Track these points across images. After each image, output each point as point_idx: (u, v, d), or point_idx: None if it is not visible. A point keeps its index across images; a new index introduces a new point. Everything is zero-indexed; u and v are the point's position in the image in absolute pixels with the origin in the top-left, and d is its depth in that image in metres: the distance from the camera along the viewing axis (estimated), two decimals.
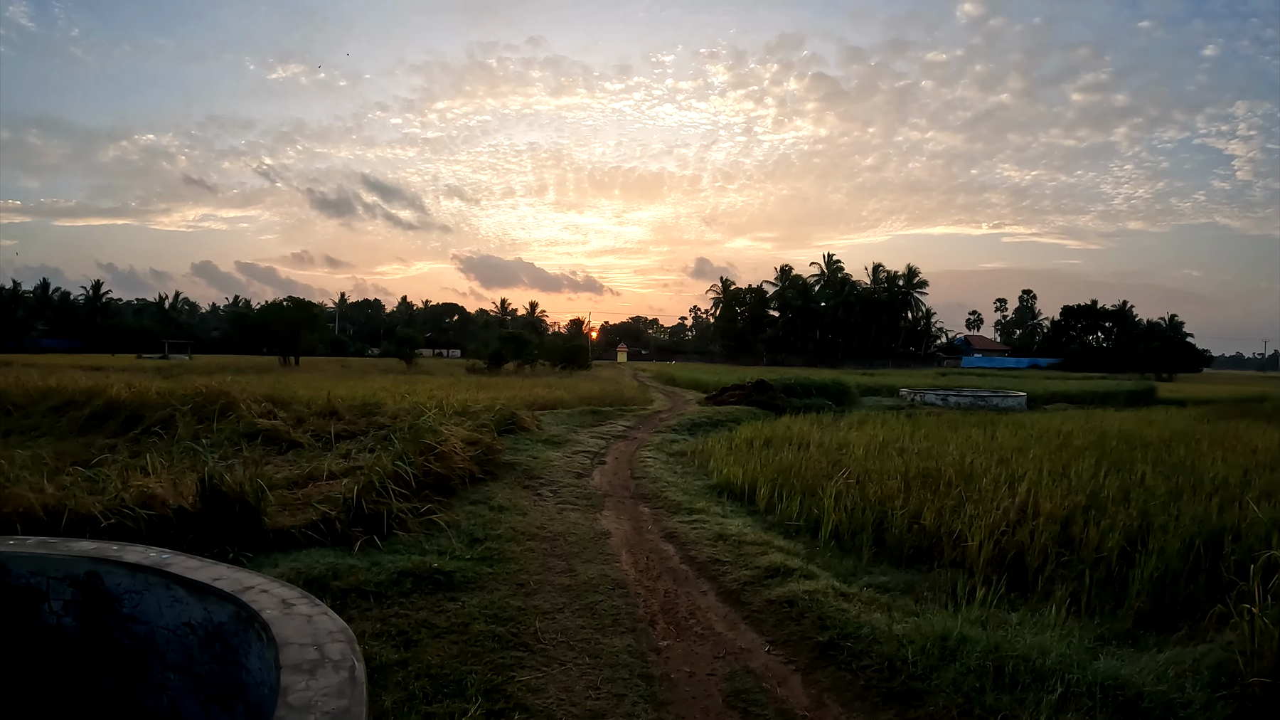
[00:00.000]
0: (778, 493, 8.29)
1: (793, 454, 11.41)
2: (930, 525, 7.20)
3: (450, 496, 7.11)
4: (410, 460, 6.68)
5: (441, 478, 7.02)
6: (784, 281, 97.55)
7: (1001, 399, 26.06)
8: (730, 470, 9.31)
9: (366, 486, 6.07)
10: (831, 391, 23.32)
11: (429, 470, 6.81)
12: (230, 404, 13.14)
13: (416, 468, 6.66)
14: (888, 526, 7.15)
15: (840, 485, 7.80)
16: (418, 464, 6.70)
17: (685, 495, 8.17)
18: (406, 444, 7.09)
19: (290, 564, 5.15)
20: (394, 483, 6.36)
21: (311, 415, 13.88)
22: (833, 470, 9.78)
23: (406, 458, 6.72)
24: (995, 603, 5.35)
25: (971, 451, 12.84)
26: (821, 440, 13.50)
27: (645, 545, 6.17)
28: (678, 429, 14.72)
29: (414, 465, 6.65)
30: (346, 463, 8.50)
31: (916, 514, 7.54)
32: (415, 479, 6.57)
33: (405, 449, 6.93)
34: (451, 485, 7.38)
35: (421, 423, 7.65)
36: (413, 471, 6.55)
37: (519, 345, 40.76)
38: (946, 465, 10.59)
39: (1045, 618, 5.11)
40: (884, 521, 7.27)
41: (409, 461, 6.63)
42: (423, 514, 6.11)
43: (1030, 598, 5.85)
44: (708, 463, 10.60)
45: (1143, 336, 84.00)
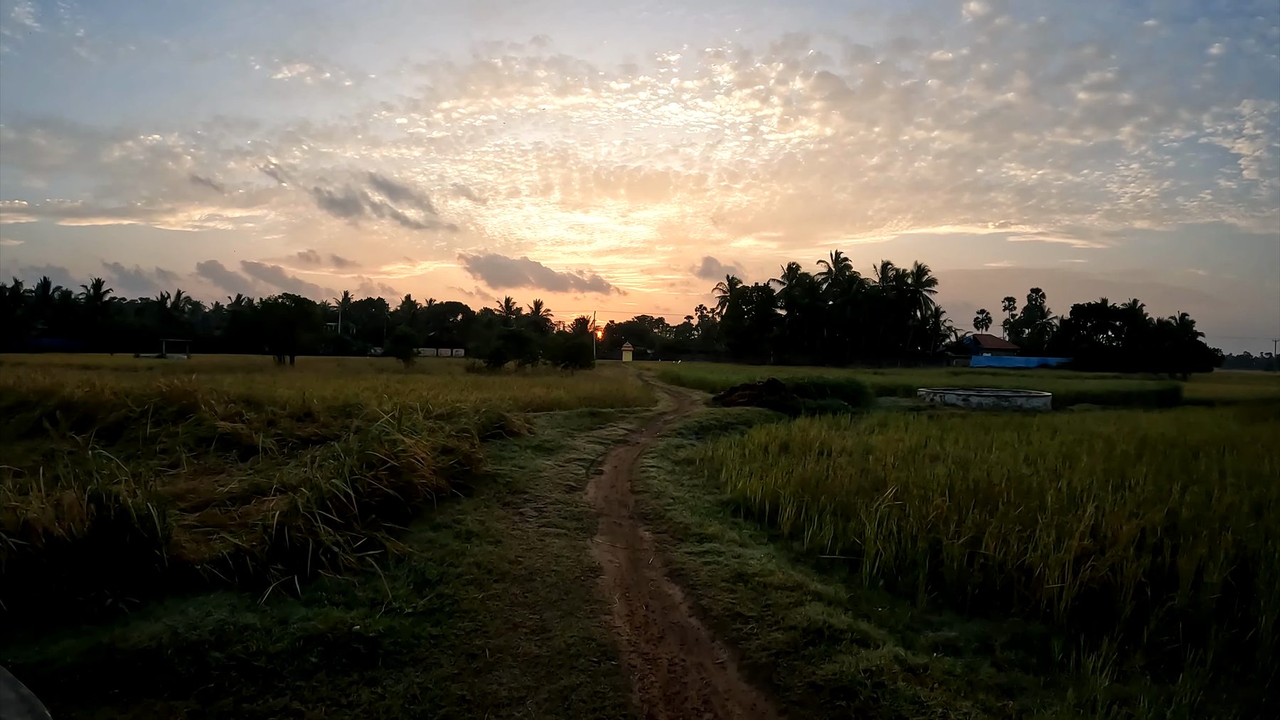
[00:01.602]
0: (804, 512, 6.99)
1: (814, 463, 10.11)
2: (994, 556, 5.92)
3: (408, 520, 5.83)
4: (357, 476, 5.39)
5: (396, 498, 5.73)
6: (791, 280, 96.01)
7: (1026, 399, 24.66)
8: (746, 484, 8.00)
9: (291, 512, 4.79)
10: (847, 391, 21.95)
11: (375, 490, 5.51)
12: (191, 405, 11.90)
13: (364, 486, 5.37)
14: (942, 558, 5.86)
15: (885, 507, 6.46)
16: (363, 482, 5.40)
17: (694, 515, 6.87)
18: (352, 457, 5.80)
19: (171, 618, 3.89)
20: (331, 506, 5.07)
21: (284, 417, 12.66)
22: (865, 482, 8.48)
23: (351, 474, 5.43)
24: (1104, 668, 4.07)
25: (1013, 459, 11.57)
26: (844, 445, 12.25)
27: (644, 587, 4.86)
28: (684, 432, 13.41)
29: (360, 483, 5.37)
30: (305, 472, 7.26)
31: (973, 540, 6.26)
32: (360, 500, 5.28)
33: (350, 463, 5.64)
34: (413, 505, 6.09)
35: (375, 430, 6.36)
36: (357, 491, 5.26)
37: (519, 344, 39.41)
38: (993, 477, 9.31)
39: (1180, 693, 3.83)
40: (937, 551, 5.98)
41: (352, 479, 5.33)
42: (359, 547, 4.82)
43: (1128, 650, 4.58)
44: (719, 473, 9.30)
45: (1154, 336, 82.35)
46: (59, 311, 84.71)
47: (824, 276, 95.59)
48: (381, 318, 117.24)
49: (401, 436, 6.28)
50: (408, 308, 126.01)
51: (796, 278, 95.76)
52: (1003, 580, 5.69)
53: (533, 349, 39.88)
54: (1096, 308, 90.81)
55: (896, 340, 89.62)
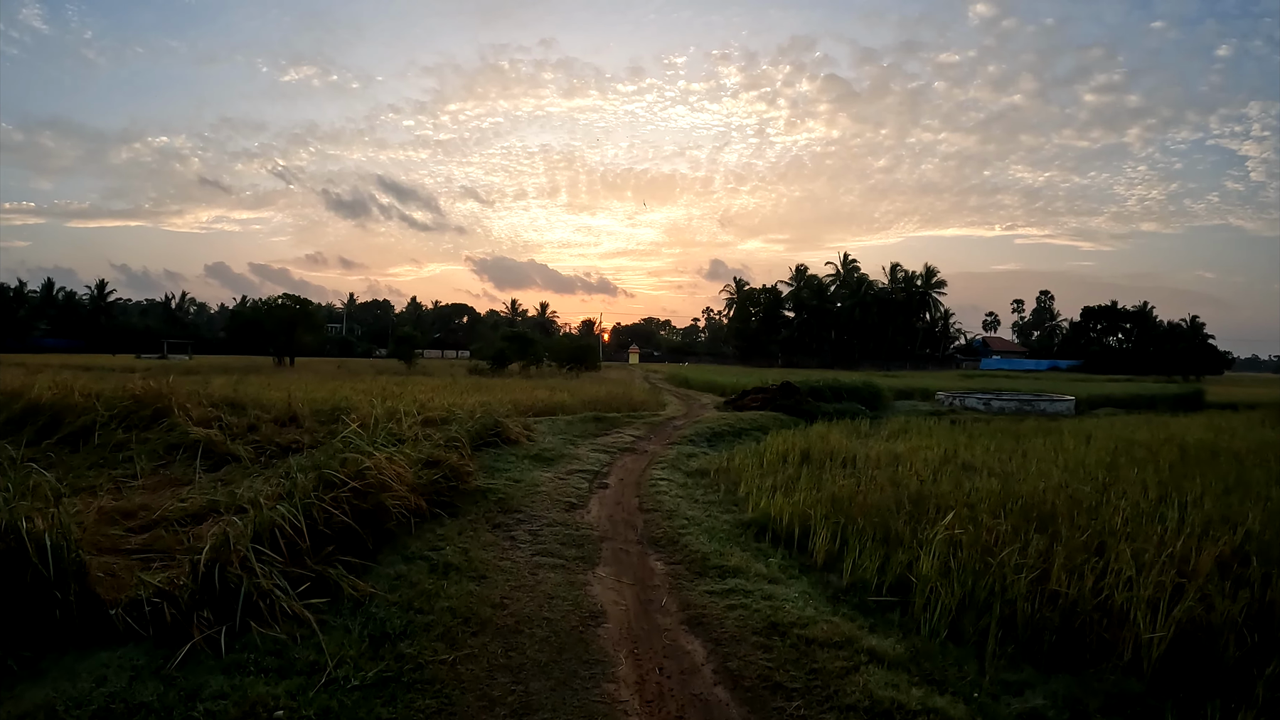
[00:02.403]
0: (838, 537, 6.07)
1: (839, 475, 9.19)
2: (1067, 592, 5.02)
3: (378, 549, 4.93)
4: (311, 501, 4.49)
5: (360, 523, 4.83)
6: (799, 282, 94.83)
7: (1049, 403, 23.65)
8: (770, 502, 7.07)
9: (223, 546, 3.90)
10: (863, 395, 20.98)
11: (335, 516, 4.60)
12: (165, 409, 11.05)
13: (319, 511, 4.48)
14: (1007, 593, 4.95)
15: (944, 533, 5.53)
16: (318, 507, 4.50)
17: (712, 540, 5.95)
18: (310, 476, 4.90)
19: (61, 684, 3.02)
20: (279, 536, 4.18)
21: (267, 422, 11.83)
22: (902, 499, 7.55)
23: (307, 496, 4.53)
24: None
25: (1054, 470, 10.65)
26: (868, 454, 11.34)
27: (657, 641, 3.95)
28: (695, 439, 12.48)
29: (316, 508, 4.47)
30: (276, 486, 6.38)
31: (1038, 570, 5.38)
32: (316, 529, 4.39)
33: (306, 484, 4.74)
34: (385, 530, 5.20)
35: (338, 444, 5.47)
36: (311, 518, 4.37)
37: (523, 345, 38.49)
38: (1041, 491, 8.40)
39: None
40: (999, 584, 5.07)
41: (306, 504, 4.44)
42: (306, 590, 3.92)
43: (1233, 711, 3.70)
44: (737, 487, 8.38)
45: (1164, 338, 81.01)
46: (62, 312, 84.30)
47: (832, 278, 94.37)
48: (387, 319, 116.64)
49: (372, 450, 5.38)
50: (413, 309, 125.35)
51: (804, 279, 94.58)
52: (1077, 620, 4.81)
53: (537, 350, 38.96)
54: (1106, 310, 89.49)
55: (905, 342, 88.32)
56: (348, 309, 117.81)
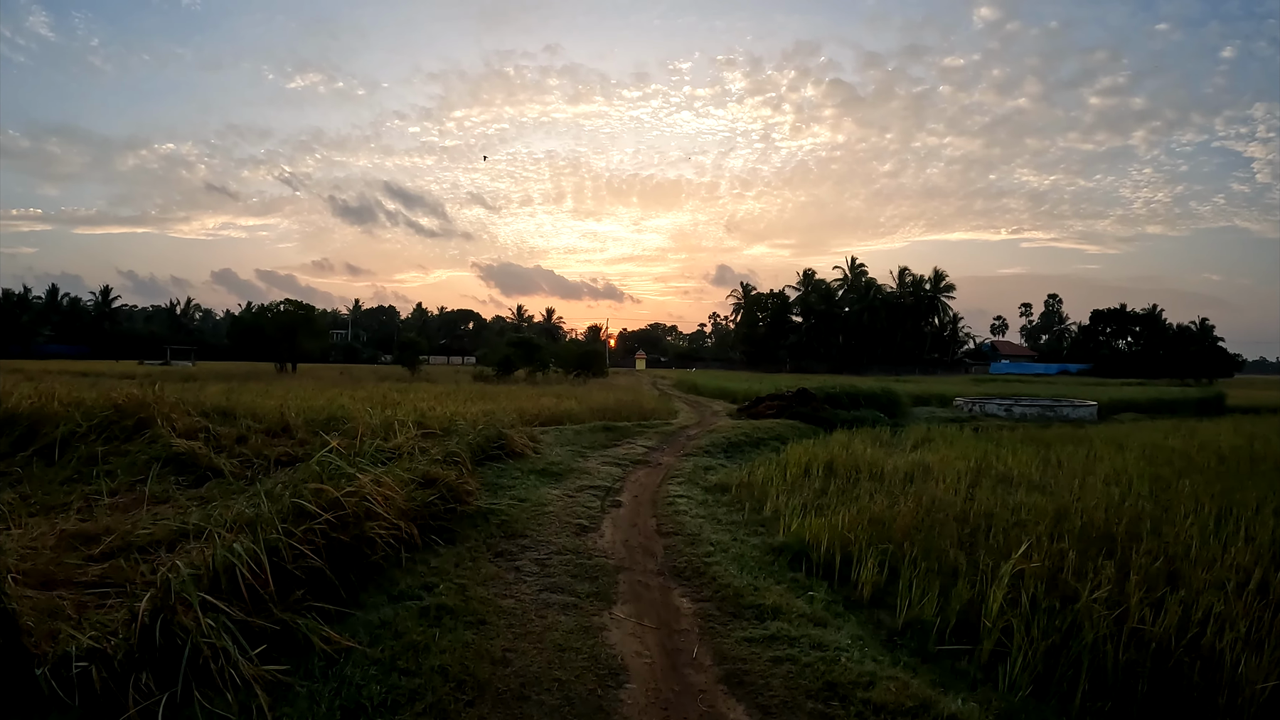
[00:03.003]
0: (884, 565, 5.37)
1: (870, 490, 8.51)
2: (1153, 630, 4.37)
3: (361, 586, 4.25)
4: (276, 538, 3.82)
5: (341, 555, 4.15)
6: (807, 286, 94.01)
7: (1071, 409, 22.87)
8: (802, 523, 6.36)
9: (167, 594, 3.23)
10: (881, 402, 20.24)
11: (308, 552, 3.91)
12: (148, 419, 10.42)
13: (285, 549, 3.80)
14: (1085, 633, 4.29)
15: (1018, 565, 4.83)
16: (284, 543, 3.82)
17: (744, 571, 5.25)
18: (282, 502, 4.22)
19: None
20: (240, 577, 3.50)
21: (258, 433, 11.17)
22: (947, 518, 6.84)
23: (276, 529, 3.86)
24: None
25: (1097, 481, 9.98)
26: (895, 466, 10.70)
27: (691, 708, 3.26)
28: (711, 450, 11.78)
29: (282, 544, 3.79)
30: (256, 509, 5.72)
31: (1115, 603, 4.73)
32: (284, 567, 3.71)
33: (270, 513, 4.06)
34: (370, 564, 4.52)
35: (311, 468, 4.79)
36: (276, 556, 3.69)
37: (529, 351, 37.77)
38: (1091, 507, 7.73)
39: None
40: (1079, 623, 4.40)
41: (269, 541, 3.76)
42: (265, 648, 3.24)
43: None
44: (762, 504, 7.68)
45: (1174, 341, 79.90)
46: (66, 318, 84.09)
47: (840, 283, 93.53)
48: (392, 325, 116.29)
49: (355, 471, 4.71)
50: (418, 315, 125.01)
51: (812, 284, 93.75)
52: (1167, 664, 4.18)
53: (543, 356, 38.22)
54: (1115, 313, 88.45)
55: (914, 347, 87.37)
56: (353, 315, 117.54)
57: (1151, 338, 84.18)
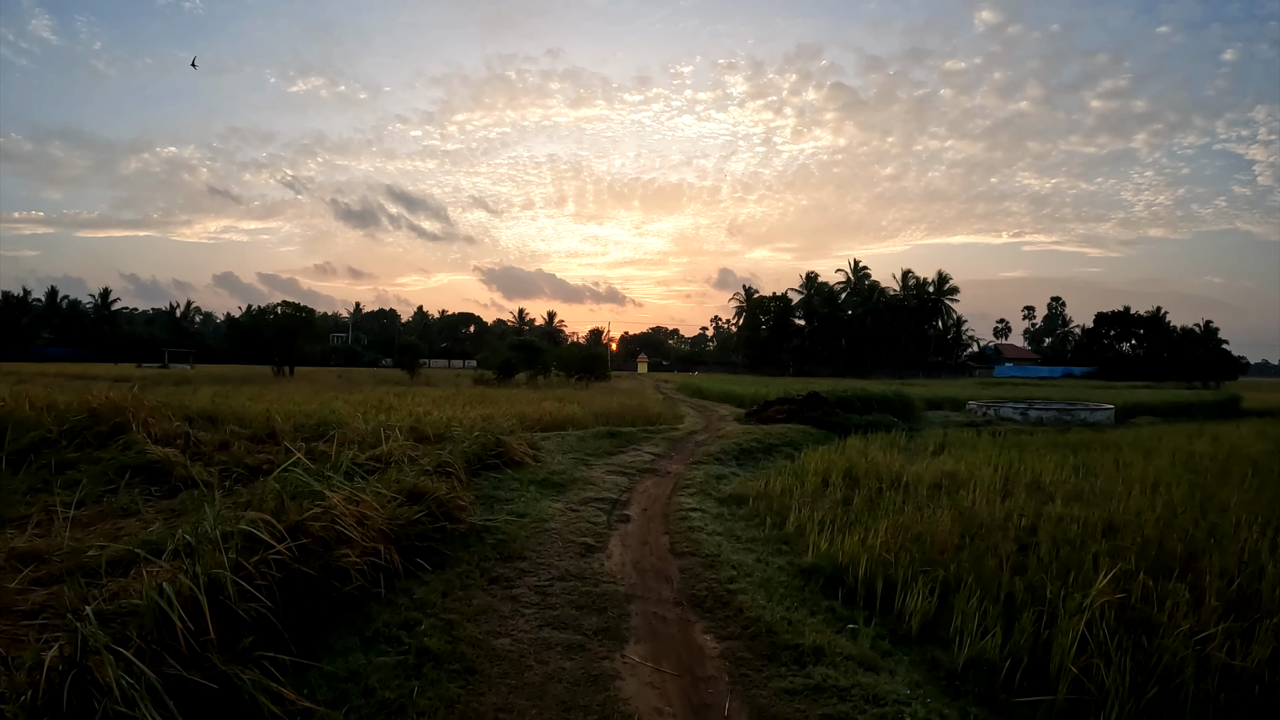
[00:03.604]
0: (934, 592, 4.72)
1: (896, 501, 7.88)
2: (1244, 665, 3.79)
3: (333, 624, 3.62)
4: (219, 572, 3.17)
5: (304, 594, 3.51)
6: (810, 289, 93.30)
7: (1090, 413, 22.20)
8: (832, 542, 5.70)
9: (79, 647, 2.59)
10: (894, 405, 19.57)
11: (259, 589, 3.26)
12: (125, 424, 9.79)
13: (231, 586, 3.15)
14: (1174, 672, 3.67)
15: (1101, 597, 4.18)
16: (227, 579, 3.17)
17: (773, 600, 4.59)
18: (229, 527, 3.57)
19: None
20: (176, 623, 2.86)
21: (242, 439, 10.54)
22: (998, 538, 6.20)
23: (217, 564, 3.21)
24: None
25: (1136, 490, 9.38)
26: (917, 473, 10.08)
27: None
28: (723, 458, 11.12)
29: (224, 580, 3.15)
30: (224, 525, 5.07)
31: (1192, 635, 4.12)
32: (224, 610, 3.06)
33: (218, 535, 3.41)
34: (343, 596, 3.87)
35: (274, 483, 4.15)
36: (218, 594, 3.05)
37: (531, 354, 37.08)
38: (1140, 521, 7.14)
39: None
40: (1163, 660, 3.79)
41: (211, 575, 3.11)
42: (199, 709, 2.59)
43: None
44: (784, 519, 7.02)
45: (1178, 344, 79.15)
46: (66, 321, 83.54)
47: (843, 285, 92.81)
48: (393, 328, 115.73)
49: (325, 489, 4.06)
50: (419, 318, 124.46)
51: (815, 287, 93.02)
52: None
53: (545, 360, 37.53)
54: (1119, 315, 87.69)
55: (917, 350, 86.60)
56: (354, 318, 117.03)
57: (1155, 340, 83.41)
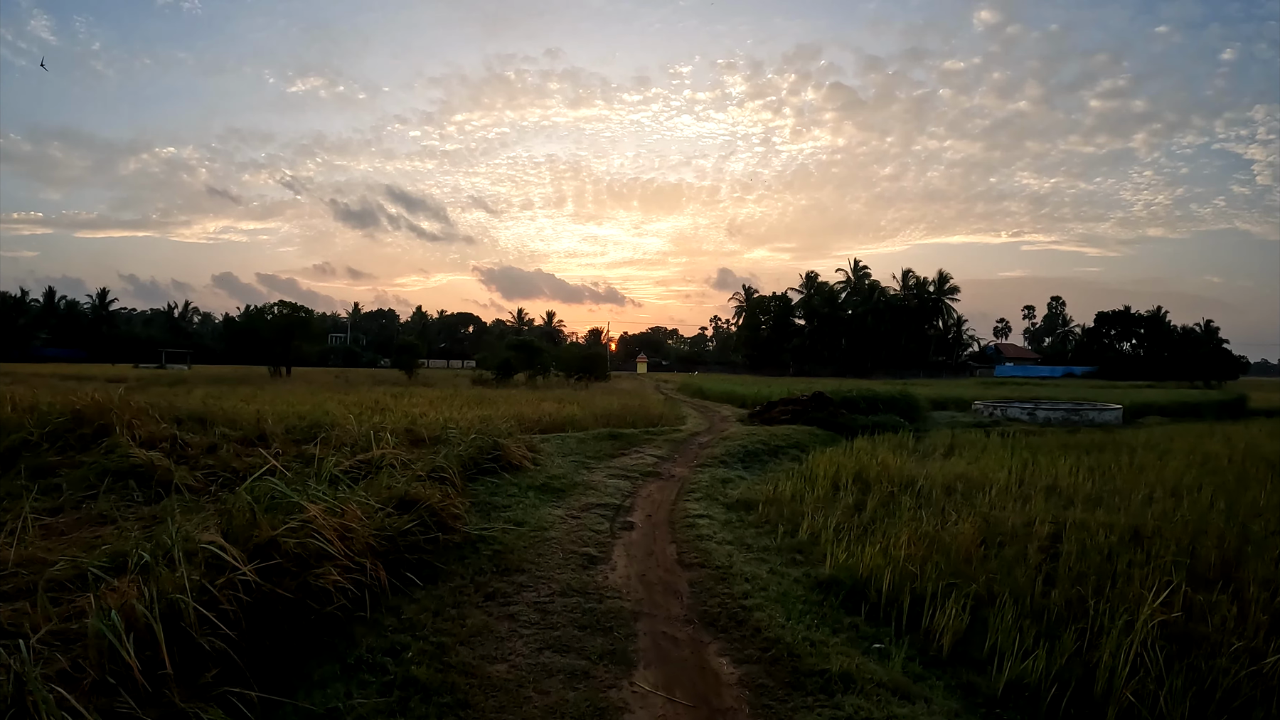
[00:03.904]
0: (966, 607, 4.37)
1: (910, 505, 7.54)
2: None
3: (314, 648, 3.27)
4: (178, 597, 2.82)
5: (277, 618, 3.16)
6: (810, 289, 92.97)
7: (1097, 413, 21.88)
8: (854, 554, 5.35)
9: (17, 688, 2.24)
10: (900, 406, 19.23)
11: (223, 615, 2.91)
12: (109, 426, 9.44)
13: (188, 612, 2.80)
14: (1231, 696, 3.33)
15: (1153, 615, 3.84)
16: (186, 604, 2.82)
17: (791, 618, 4.24)
18: (193, 543, 3.22)
19: None
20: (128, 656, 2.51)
21: (231, 442, 10.18)
22: (1025, 546, 5.86)
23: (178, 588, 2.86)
24: None
25: (1160, 494, 9.06)
26: (928, 476, 9.75)
27: None
28: (728, 460, 10.77)
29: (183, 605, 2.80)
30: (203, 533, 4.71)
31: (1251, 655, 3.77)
32: (185, 640, 2.72)
33: (180, 554, 3.05)
34: (324, 617, 3.53)
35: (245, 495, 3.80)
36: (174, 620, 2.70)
37: (530, 354, 36.70)
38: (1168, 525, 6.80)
39: None
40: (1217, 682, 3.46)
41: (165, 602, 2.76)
42: None
43: None
44: (796, 526, 6.66)
45: (1179, 343, 78.89)
46: (63, 321, 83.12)
47: (843, 285, 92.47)
48: (392, 329, 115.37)
49: (304, 500, 3.71)
50: (418, 318, 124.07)
51: (815, 286, 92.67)
52: None
53: (544, 360, 37.13)
54: (1120, 315, 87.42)
55: (918, 350, 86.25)
56: (352, 318, 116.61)
57: (1156, 340, 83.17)
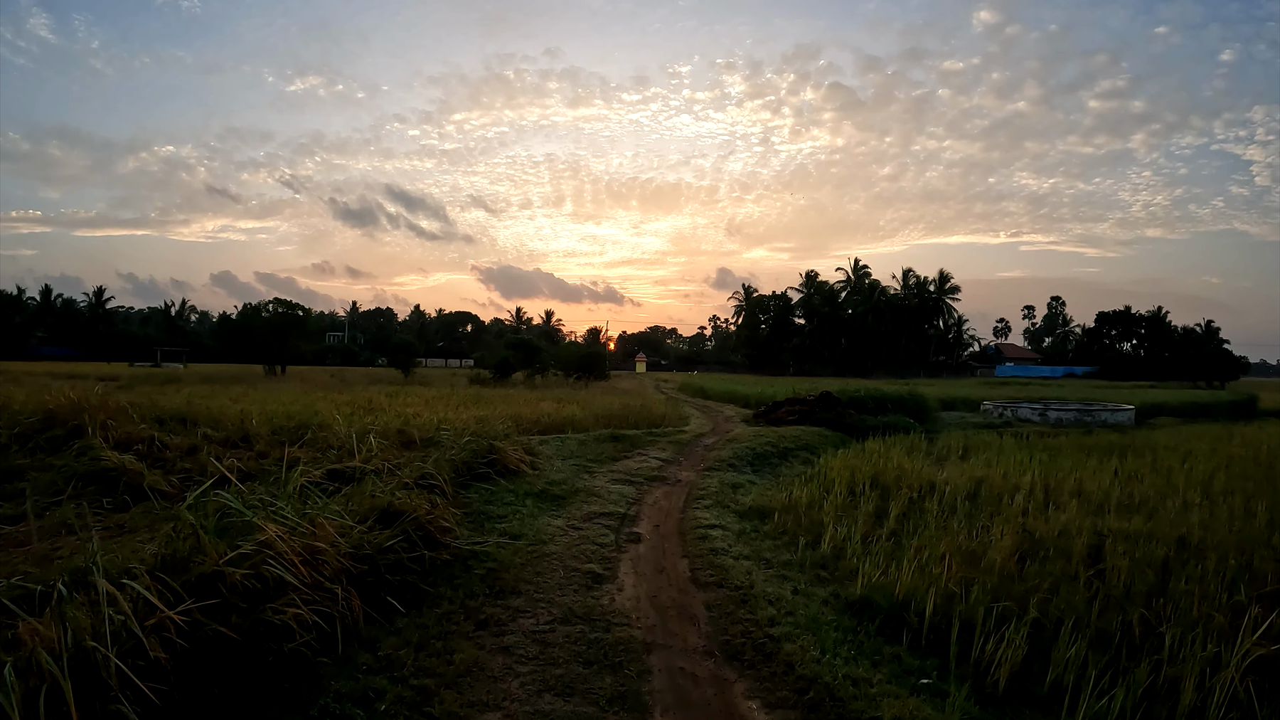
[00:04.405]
0: (1020, 635, 3.85)
1: (939, 514, 7.03)
2: None
3: (273, 694, 2.75)
4: (92, 646, 2.30)
5: (229, 656, 2.64)
6: (810, 288, 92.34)
7: (1110, 413, 21.37)
8: (888, 572, 4.82)
9: None
10: (909, 407, 18.70)
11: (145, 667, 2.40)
12: (83, 427, 8.91)
13: (103, 665, 2.28)
14: None
15: (1254, 651, 3.32)
16: (98, 657, 2.30)
17: (826, 650, 3.72)
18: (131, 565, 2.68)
19: None
20: None
21: (213, 443, 9.67)
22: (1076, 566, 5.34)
23: (96, 633, 2.34)
24: None
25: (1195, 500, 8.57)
26: (948, 480, 9.24)
27: None
28: (736, 463, 10.23)
29: (98, 655, 2.28)
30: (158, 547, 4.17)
31: None
32: (92, 688, 2.19)
33: (105, 590, 2.52)
34: (285, 656, 3.00)
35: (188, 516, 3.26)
36: (77, 671, 2.17)
37: (528, 353, 36.12)
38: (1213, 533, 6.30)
39: None
40: None
41: (75, 646, 2.24)
42: None
43: None
44: (817, 538, 6.13)
45: (1180, 343, 78.46)
46: (60, 319, 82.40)
47: (843, 284, 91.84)
48: (390, 328, 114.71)
49: (261, 520, 3.19)
50: (416, 317, 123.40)
51: (815, 285, 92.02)
52: None
53: (543, 359, 36.54)
54: (1121, 315, 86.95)
55: (918, 349, 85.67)
56: (350, 317, 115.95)
57: (1157, 340, 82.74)
